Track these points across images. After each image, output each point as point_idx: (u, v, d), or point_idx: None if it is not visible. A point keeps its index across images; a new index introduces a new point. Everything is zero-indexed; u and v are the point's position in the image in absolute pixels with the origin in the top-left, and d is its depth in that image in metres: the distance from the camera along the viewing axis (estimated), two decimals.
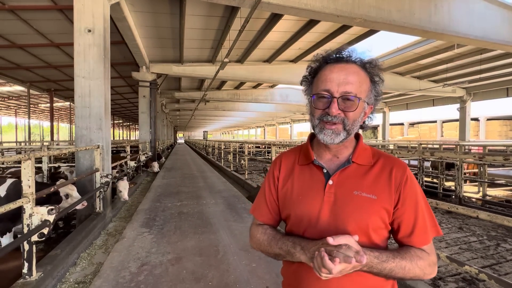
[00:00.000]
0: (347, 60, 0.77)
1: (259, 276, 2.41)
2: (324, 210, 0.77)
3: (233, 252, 2.88)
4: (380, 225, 0.76)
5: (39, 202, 2.35)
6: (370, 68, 0.78)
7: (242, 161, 9.21)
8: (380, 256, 0.69)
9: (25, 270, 2.11)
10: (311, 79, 0.82)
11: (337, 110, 0.74)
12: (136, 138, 43.40)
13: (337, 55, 0.77)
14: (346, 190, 0.78)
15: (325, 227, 0.76)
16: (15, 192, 2.77)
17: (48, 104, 16.73)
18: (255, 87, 16.93)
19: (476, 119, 19.80)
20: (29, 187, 2.19)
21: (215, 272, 2.48)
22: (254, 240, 0.89)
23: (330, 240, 0.64)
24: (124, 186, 4.42)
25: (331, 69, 0.76)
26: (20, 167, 2.21)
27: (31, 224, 2.18)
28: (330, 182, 0.79)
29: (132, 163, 7.06)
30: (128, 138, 46.95)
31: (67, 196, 3.10)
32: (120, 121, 40.23)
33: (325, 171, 0.82)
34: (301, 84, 0.86)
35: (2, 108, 26.54)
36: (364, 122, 0.83)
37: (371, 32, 8.31)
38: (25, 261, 2.11)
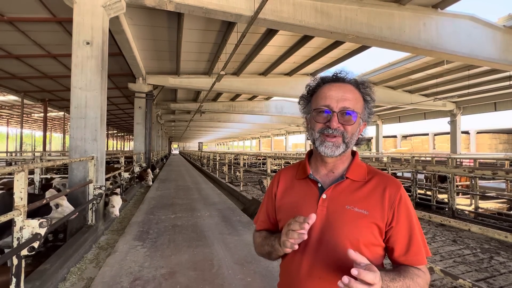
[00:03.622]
0: (343, 80, 0.83)
1: None
2: (316, 223, 0.79)
3: (227, 266, 2.83)
4: (372, 241, 0.77)
5: (29, 213, 2.30)
6: (363, 89, 0.85)
7: (237, 173, 9.18)
8: (388, 274, 0.68)
9: (12, 286, 2.04)
10: (309, 97, 0.88)
11: (337, 123, 0.79)
12: (131, 149, 43.01)
13: (334, 76, 0.84)
14: (338, 205, 0.80)
15: (317, 239, 0.78)
16: (2, 204, 2.70)
17: (42, 114, 16.57)
18: (250, 99, 17.12)
19: (467, 132, 20.27)
20: (21, 199, 2.15)
21: (209, 287, 2.43)
22: (255, 245, 0.97)
23: (355, 272, 0.58)
24: (117, 202, 4.31)
25: (329, 88, 0.82)
26: (11, 177, 2.18)
27: (21, 238, 2.12)
28: (324, 196, 0.82)
29: (126, 175, 6.98)
30: (122, 149, 46.47)
31: (57, 206, 3.02)
32: (114, 131, 39.94)
33: (319, 185, 0.85)
34: (299, 103, 0.92)
35: None
36: (358, 138, 0.87)
37: (363, 48, 8.59)
38: (13, 276, 2.04)
